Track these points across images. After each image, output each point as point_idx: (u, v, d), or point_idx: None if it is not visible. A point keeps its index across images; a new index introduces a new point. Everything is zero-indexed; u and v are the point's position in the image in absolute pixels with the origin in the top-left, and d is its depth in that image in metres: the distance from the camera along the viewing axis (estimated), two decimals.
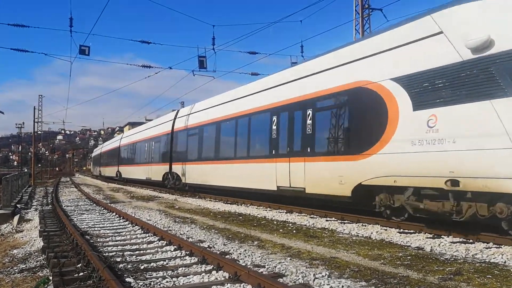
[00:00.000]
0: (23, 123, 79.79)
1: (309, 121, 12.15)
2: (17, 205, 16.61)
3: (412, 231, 9.22)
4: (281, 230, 9.79)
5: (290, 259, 6.75)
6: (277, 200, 15.17)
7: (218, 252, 7.11)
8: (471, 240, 8.03)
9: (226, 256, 6.78)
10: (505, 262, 6.41)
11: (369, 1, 22.55)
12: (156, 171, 26.71)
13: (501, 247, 7.38)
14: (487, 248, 7.35)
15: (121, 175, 38.74)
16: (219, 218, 12.34)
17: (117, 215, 13.05)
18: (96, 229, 10.34)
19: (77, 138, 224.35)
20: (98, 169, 57.83)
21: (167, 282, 5.54)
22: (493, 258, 6.64)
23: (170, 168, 24.12)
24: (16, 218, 12.72)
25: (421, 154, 8.41)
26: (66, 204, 17.21)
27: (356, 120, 10.53)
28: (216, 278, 5.66)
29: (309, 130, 12.13)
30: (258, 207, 15.06)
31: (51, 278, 5.72)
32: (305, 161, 12.20)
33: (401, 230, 9.40)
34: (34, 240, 9.29)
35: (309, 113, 12.18)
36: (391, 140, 9.15)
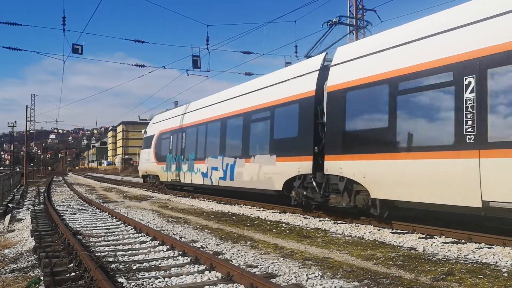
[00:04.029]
0: (15, 122, 79.26)
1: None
2: (9, 205, 16.47)
3: (405, 231, 9.26)
4: (274, 230, 9.79)
5: (283, 259, 6.75)
6: (270, 200, 15.20)
7: (211, 252, 7.10)
8: (463, 241, 8.09)
9: (219, 256, 6.77)
10: (496, 263, 6.46)
11: (363, 1, 22.70)
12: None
13: (492, 247, 7.44)
14: (479, 249, 7.40)
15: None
16: (213, 218, 12.32)
17: (109, 215, 12.98)
18: (88, 229, 10.27)
19: (70, 138, 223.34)
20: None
21: (159, 282, 5.51)
22: (485, 259, 6.69)
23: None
24: (7, 217, 12.60)
25: None
26: (58, 204, 17.09)
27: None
28: (209, 278, 5.65)
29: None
30: (252, 207, 15.05)
31: (42, 278, 5.68)
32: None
33: (394, 230, 9.43)
34: (26, 240, 9.20)
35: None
36: None
